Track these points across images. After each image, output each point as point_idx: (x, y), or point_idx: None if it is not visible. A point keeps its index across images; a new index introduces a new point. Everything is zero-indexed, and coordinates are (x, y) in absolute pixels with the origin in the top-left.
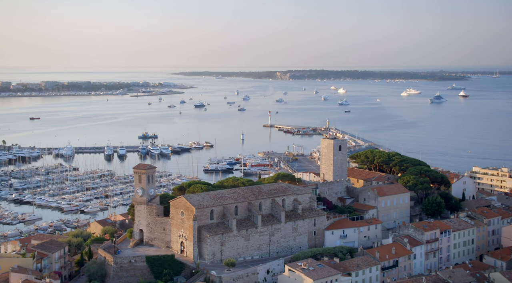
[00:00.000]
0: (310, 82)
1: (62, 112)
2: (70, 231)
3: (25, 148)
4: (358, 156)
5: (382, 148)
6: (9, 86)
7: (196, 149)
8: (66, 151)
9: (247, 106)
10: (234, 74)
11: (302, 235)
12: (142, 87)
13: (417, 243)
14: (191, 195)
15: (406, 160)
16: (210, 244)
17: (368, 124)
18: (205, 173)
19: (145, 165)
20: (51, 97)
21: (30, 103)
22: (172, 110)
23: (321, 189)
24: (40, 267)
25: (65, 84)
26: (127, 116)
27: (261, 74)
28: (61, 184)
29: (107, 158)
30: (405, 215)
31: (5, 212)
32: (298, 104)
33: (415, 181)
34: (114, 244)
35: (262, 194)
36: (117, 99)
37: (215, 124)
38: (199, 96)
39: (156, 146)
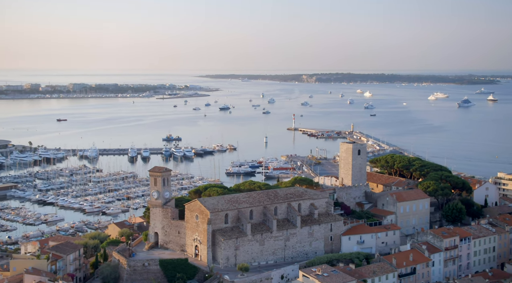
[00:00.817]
0: (336, 86)
1: (88, 114)
2: (88, 233)
3: (50, 149)
4: (378, 160)
5: (407, 153)
6: (38, 88)
7: (219, 152)
8: (91, 153)
9: (272, 109)
10: (260, 77)
11: (318, 241)
12: (168, 90)
13: (435, 250)
14: (206, 199)
15: (427, 165)
16: (224, 248)
17: (393, 128)
18: (227, 176)
19: (161, 168)
20: (79, 99)
21: (58, 105)
22: (197, 113)
23: (338, 194)
24: (54, 269)
25: (93, 86)
26: (153, 119)
27: (287, 77)
28: (84, 185)
29: (131, 160)
30: (424, 221)
31: (28, 213)
32: (323, 108)
33: (435, 187)
34: (129, 247)
35: (277, 198)
36: (143, 101)
37: (239, 127)
38: (224, 99)
39: (180, 149)
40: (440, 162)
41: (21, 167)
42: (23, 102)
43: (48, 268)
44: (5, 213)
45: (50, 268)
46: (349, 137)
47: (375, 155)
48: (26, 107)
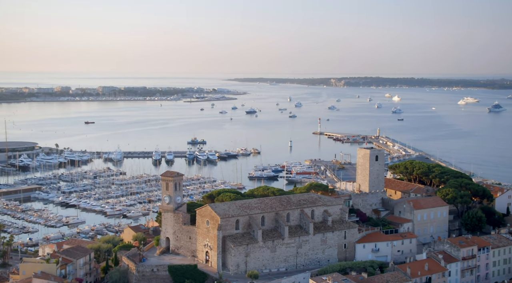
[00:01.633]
0: (364, 90)
1: (116, 116)
2: (102, 237)
3: (76, 151)
4: (397, 166)
5: (433, 158)
6: (68, 91)
7: (243, 156)
8: (115, 156)
9: (299, 113)
10: (288, 80)
11: (332, 248)
12: (196, 93)
13: (452, 260)
14: (217, 204)
15: (447, 172)
16: (234, 255)
17: (421, 133)
18: (249, 180)
19: (173, 173)
20: (108, 101)
21: (87, 108)
22: (224, 116)
23: (354, 201)
24: (64, 273)
25: (122, 89)
26: (179, 122)
27: (316, 81)
28: (107, 188)
29: (155, 163)
30: (442, 230)
31: (50, 215)
32: (351, 112)
33: (455, 194)
34: (140, 252)
35: (290, 204)
36: (171, 105)
37: (265, 131)
38: (251, 103)
39: (203, 152)
40: (467, 168)
41: (46, 169)
42: (53, 104)
43: (58, 272)
44: (28, 215)
45: (60, 272)
46: (375, 142)
47: (400, 160)
48: (56, 109)
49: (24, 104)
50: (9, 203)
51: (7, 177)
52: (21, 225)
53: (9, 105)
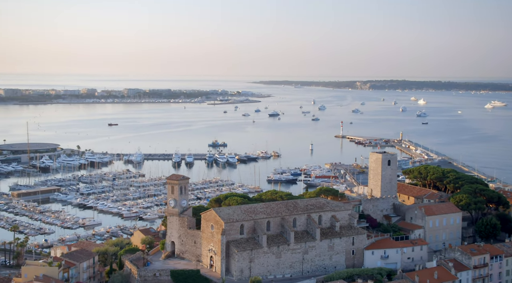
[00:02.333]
0: (390, 93)
1: (139, 118)
2: (110, 240)
3: (97, 153)
4: (411, 171)
5: (456, 162)
6: (94, 93)
7: (263, 159)
8: (136, 158)
9: (322, 116)
10: (313, 83)
11: (339, 254)
12: (220, 96)
13: (463, 268)
14: (222, 209)
15: (462, 177)
16: (237, 260)
17: (445, 136)
18: (268, 183)
19: (178, 176)
20: (132, 104)
21: (112, 110)
22: (246, 119)
23: (364, 206)
24: (67, 277)
25: (147, 91)
26: (201, 124)
27: (341, 84)
28: (126, 190)
29: (175, 165)
30: (455, 237)
31: (67, 216)
32: (375, 115)
33: (468, 201)
34: (144, 256)
35: (297, 209)
36: (195, 107)
37: (286, 134)
38: (275, 105)
39: (223, 155)
40: (490, 173)
41: (67, 171)
42: (79, 106)
43: (60, 275)
44: (45, 216)
45: (63, 276)
46: (397, 146)
47: (421, 164)
48: (81, 111)
49: (51, 106)
50: (27, 204)
51: (29, 178)
52: (38, 226)
53: (36, 107)
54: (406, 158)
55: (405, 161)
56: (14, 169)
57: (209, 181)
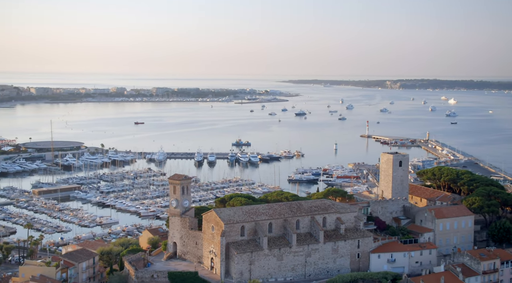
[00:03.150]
0: (421, 92)
1: (166, 117)
2: (117, 239)
3: (120, 152)
4: (425, 173)
5: (482, 163)
6: (123, 92)
7: (286, 158)
8: (158, 156)
9: (349, 115)
10: (343, 82)
11: (344, 258)
12: (248, 95)
13: (472, 274)
14: (222, 209)
15: (477, 179)
16: (237, 262)
17: (473, 137)
18: (289, 183)
19: (180, 176)
20: (161, 102)
21: (140, 108)
22: (272, 118)
23: (373, 208)
24: (65, 277)
25: (175, 90)
26: (227, 123)
27: (370, 83)
28: (145, 188)
29: (197, 164)
30: (467, 241)
31: (85, 215)
32: (403, 114)
33: (481, 203)
34: (145, 256)
35: (300, 211)
36: (222, 106)
37: (312, 133)
38: (302, 104)
39: (245, 154)
40: None
41: (90, 169)
42: (108, 105)
43: (58, 275)
44: (64, 214)
45: (61, 276)
46: (423, 146)
47: (447, 165)
48: (110, 110)
49: (80, 104)
50: (47, 202)
51: (52, 176)
52: (55, 224)
53: (66, 105)
54: (432, 159)
55: (430, 162)
56: (38, 167)
57: (229, 181)
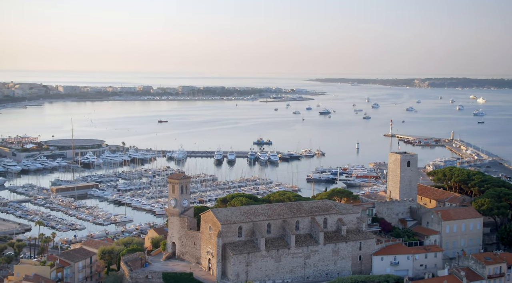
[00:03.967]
0: (449, 91)
1: (190, 115)
2: (121, 239)
3: (141, 150)
4: (435, 173)
5: (507, 164)
6: (150, 90)
7: (307, 157)
8: (178, 155)
9: (374, 114)
10: (370, 81)
11: (345, 260)
12: (274, 93)
13: (476, 278)
14: (220, 209)
15: (488, 180)
16: (233, 264)
17: (500, 136)
18: (307, 182)
19: (179, 175)
20: (186, 101)
21: (166, 107)
22: (296, 117)
23: (378, 209)
24: (61, 276)
25: (201, 89)
26: (250, 122)
27: (398, 82)
28: (163, 187)
29: (217, 163)
30: (475, 243)
31: (100, 213)
32: (429, 114)
33: (490, 205)
34: (144, 256)
35: (301, 211)
36: (246, 104)
37: (335, 132)
38: (327, 103)
39: (265, 153)
40: None
41: (110, 167)
42: (134, 103)
43: (53, 275)
44: (80, 212)
45: (56, 275)
46: (447, 146)
47: (470, 165)
48: (136, 108)
49: (107, 102)
50: (64, 200)
51: (72, 173)
52: (70, 222)
53: (93, 104)
54: (455, 159)
55: (453, 162)
56: (59, 165)
57: (247, 179)
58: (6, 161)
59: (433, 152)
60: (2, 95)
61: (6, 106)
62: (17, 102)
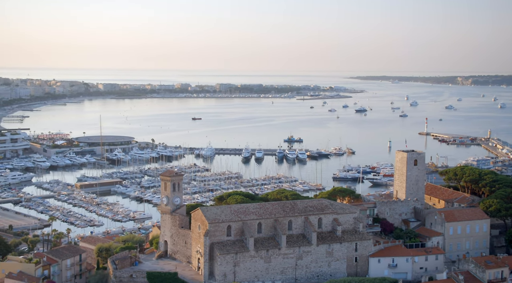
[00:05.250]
0: (493, 88)
1: (225, 113)
2: (121, 236)
3: (170, 147)
4: (446, 172)
5: None
6: (187, 88)
7: (336, 155)
8: (206, 152)
9: (412, 112)
10: (412, 78)
11: (339, 261)
12: (312, 91)
13: (475, 282)
14: (209, 208)
15: (500, 180)
16: (220, 264)
17: None
18: (333, 181)
19: (171, 172)
20: (223, 98)
21: (203, 104)
22: (332, 115)
23: (379, 209)
24: (47, 274)
25: (238, 86)
26: (284, 119)
27: (441, 79)
28: (186, 184)
29: (244, 160)
30: (481, 246)
31: (120, 209)
32: (469, 112)
33: (499, 206)
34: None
35: (294, 211)
36: (283, 102)
37: (368, 130)
38: (365, 101)
39: (293, 151)
40: None
41: (137, 164)
42: (172, 100)
43: (39, 272)
44: (100, 208)
45: (42, 273)
46: (483, 145)
47: (505, 164)
48: (173, 105)
49: (145, 100)
50: (86, 196)
51: (100, 170)
52: (89, 218)
53: (131, 101)
54: (489, 158)
55: (486, 161)
56: (87, 161)
57: (271, 177)
58: (36, 157)
59: (467, 151)
60: (43, 92)
61: (46, 104)
62: (57, 99)
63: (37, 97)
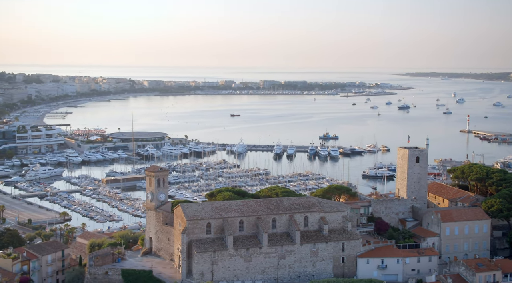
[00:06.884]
0: None
1: (265, 110)
2: (118, 232)
3: (202, 143)
4: (453, 171)
5: None
6: (231, 85)
7: (370, 153)
8: (237, 148)
9: (457, 109)
10: (462, 75)
11: (325, 261)
12: (357, 88)
13: None
14: (190, 205)
15: (508, 179)
16: (197, 262)
17: None
18: (363, 179)
19: (156, 168)
20: (266, 95)
21: (245, 101)
22: (373, 111)
23: (374, 208)
24: (27, 270)
25: (282, 83)
26: (323, 116)
27: (493, 76)
28: (213, 180)
29: (276, 157)
30: (481, 248)
31: (140, 205)
32: None
33: (500, 206)
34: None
35: (278, 209)
36: (326, 99)
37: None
38: (410, 98)
39: (325, 148)
40: None
41: (169, 159)
42: (216, 97)
43: (17, 267)
44: (122, 203)
45: (20, 268)
46: None
47: None
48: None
49: (189, 96)
50: (111, 191)
51: (130, 165)
52: (109, 213)
53: (175, 98)
54: None
55: None
56: (119, 157)
57: (299, 174)
58: (69, 152)
59: (508, 149)
60: (89, 89)
61: (91, 100)
62: (102, 96)
63: (83, 94)
